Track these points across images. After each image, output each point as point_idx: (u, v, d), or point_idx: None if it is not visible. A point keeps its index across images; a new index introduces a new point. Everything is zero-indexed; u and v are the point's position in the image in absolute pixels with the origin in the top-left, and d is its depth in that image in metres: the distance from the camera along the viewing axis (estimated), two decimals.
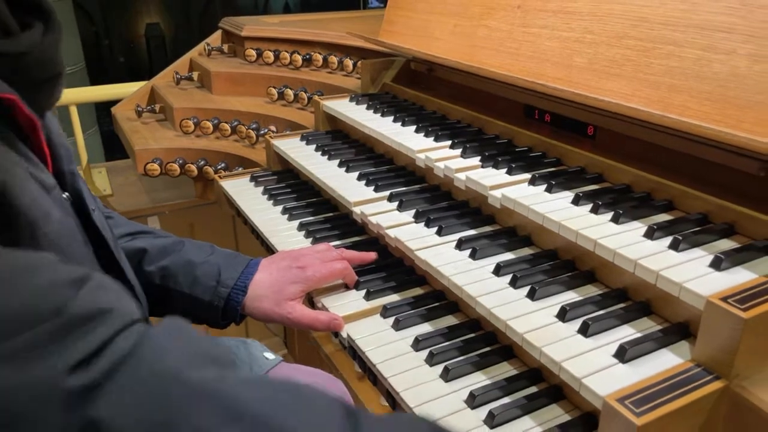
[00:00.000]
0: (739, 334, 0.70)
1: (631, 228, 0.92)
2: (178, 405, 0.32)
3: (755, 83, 0.88)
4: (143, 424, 0.30)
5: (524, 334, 0.83)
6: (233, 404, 0.32)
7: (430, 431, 0.43)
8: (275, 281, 1.02)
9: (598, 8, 1.12)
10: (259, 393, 0.36)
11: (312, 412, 0.36)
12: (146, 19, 6.71)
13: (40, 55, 0.58)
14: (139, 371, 0.34)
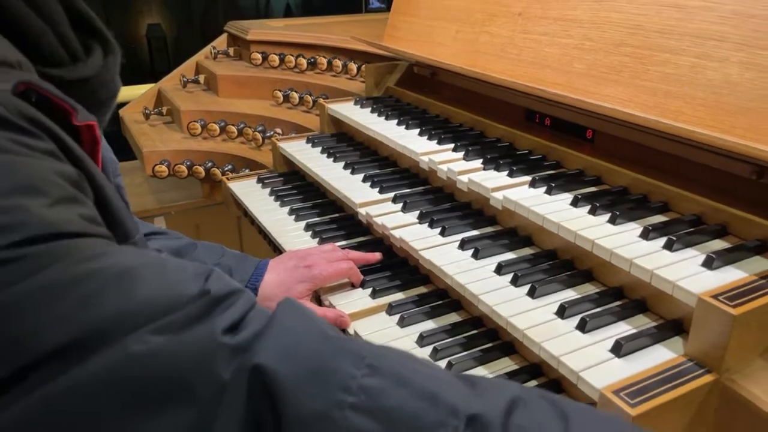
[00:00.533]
0: (729, 330, 0.74)
1: (628, 229, 0.96)
2: (330, 355, 0.38)
3: (747, 90, 0.92)
4: (300, 369, 0.36)
5: (525, 331, 0.87)
6: (371, 359, 0.38)
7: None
8: (283, 281, 1.06)
9: (597, 16, 1.16)
10: (394, 355, 0.41)
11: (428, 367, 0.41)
12: (147, 19, 6.74)
13: (103, 77, 0.62)
14: (285, 333, 0.40)
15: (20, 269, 0.36)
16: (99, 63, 0.63)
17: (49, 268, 0.37)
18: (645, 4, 1.08)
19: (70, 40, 0.60)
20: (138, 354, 0.36)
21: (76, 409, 0.35)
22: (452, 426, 0.35)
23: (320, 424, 0.34)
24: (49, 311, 0.36)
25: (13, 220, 0.37)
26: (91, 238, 0.42)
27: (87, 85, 0.61)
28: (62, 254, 0.38)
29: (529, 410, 0.38)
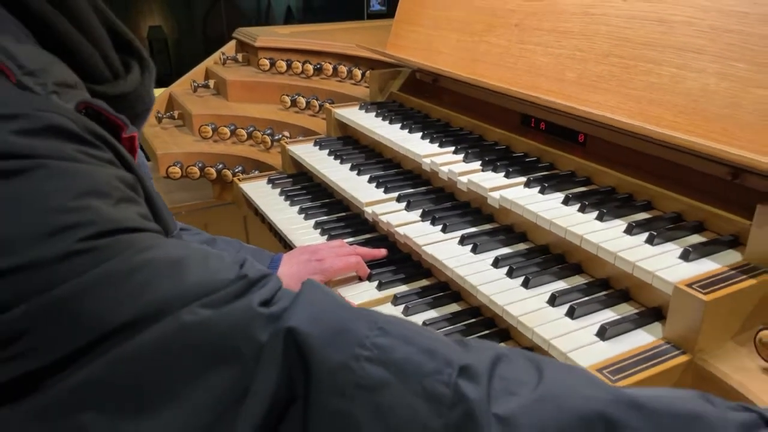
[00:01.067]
0: (701, 315, 0.83)
1: (614, 225, 1.04)
2: (348, 319, 0.46)
3: (722, 98, 1.00)
4: (324, 330, 0.44)
5: (519, 317, 0.95)
6: (382, 324, 0.47)
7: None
8: (296, 273, 1.14)
9: (587, 28, 1.25)
10: (400, 321, 0.50)
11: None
12: (149, 21, 6.80)
13: (140, 92, 0.70)
14: (311, 303, 0.48)
15: (92, 259, 0.44)
16: (137, 79, 0.71)
17: (115, 258, 0.45)
18: (631, 18, 1.17)
19: (113, 60, 0.68)
20: (190, 323, 0.44)
21: (142, 368, 0.43)
22: (447, 373, 0.43)
23: (342, 373, 0.43)
24: (117, 292, 0.44)
25: (85, 218, 0.45)
26: (146, 233, 0.50)
27: (126, 99, 0.69)
28: (124, 246, 0.46)
29: (510, 364, 0.46)
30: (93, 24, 0.65)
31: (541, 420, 0.41)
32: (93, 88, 0.64)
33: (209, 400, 0.42)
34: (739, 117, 0.97)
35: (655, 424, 0.41)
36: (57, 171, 0.46)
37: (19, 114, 0.46)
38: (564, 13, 1.30)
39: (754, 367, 0.83)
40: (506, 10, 1.45)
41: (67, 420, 0.40)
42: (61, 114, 0.50)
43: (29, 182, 0.44)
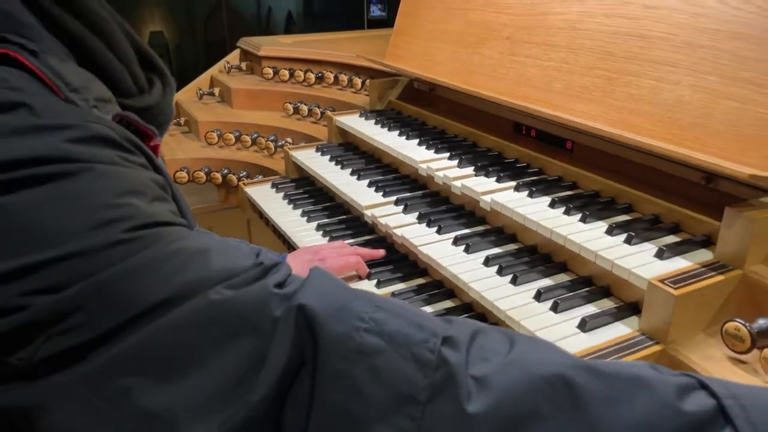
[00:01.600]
0: (672, 308, 0.90)
1: (596, 227, 1.12)
2: (349, 298, 0.54)
3: (695, 109, 1.08)
4: (329, 307, 0.52)
5: (506, 311, 1.03)
6: (378, 302, 0.54)
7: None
8: (300, 272, 1.21)
9: (573, 42, 1.33)
10: (393, 300, 0.58)
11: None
12: (150, 27, 6.87)
13: (162, 105, 0.78)
14: (318, 284, 0.56)
15: (133, 247, 0.52)
16: (159, 93, 0.79)
17: (152, 247, 0.53)
18: (614, 34, 1.25)
19: (139, 76, 0.76)
20: (215, 301, 0.52)
21: (176, 338, 0.51)
22: (432, 342, 0.51)
23: (344, 341, 0.50)
24: (154, 275, 0.52)
25: (127, 212, 0.53)
26: (176, 227, 0.58)
27: (150, 111, 0.76)
28: (160, 237, 0.54)
29: (487, 336, 0.54)
30: (122, 45, 0.73)
31: (510, 380, 0.49)
32: (122, 102, 0.71)
33: (233, 366, 0.50)
34: (711, 126, 1.05)
35: (605, 383, 0.49)
36: (103, 173, 0.53)
37: (71, 125, 0.54)
38: (552, 28, 1.39)
39: (720, 356, 0.91)
40: (498, 24, 1.54)
41: (113, 383, 0.48)
42: (104, 125, 0.58)
43: (80, 183, 0.52)
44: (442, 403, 0.48)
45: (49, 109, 0.55)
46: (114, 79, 0.71)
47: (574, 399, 0.48)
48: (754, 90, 1.00)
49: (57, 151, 0.52)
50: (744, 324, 0.87)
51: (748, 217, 0.94)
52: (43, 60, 0.59)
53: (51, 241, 0.49)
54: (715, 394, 0.49)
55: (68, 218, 0.50)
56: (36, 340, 0.48)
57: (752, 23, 1.03)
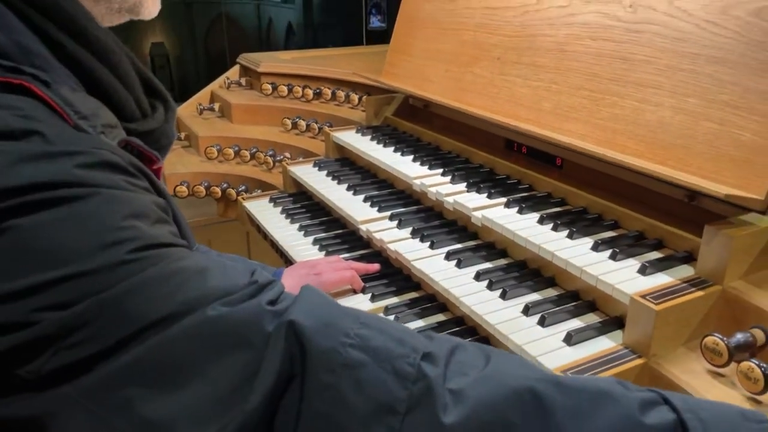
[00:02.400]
0: (653, 323, 0.94)
1: (582, 243, 1.16)
2: (336, 315, 0.58)
3: (677, 129, 1.12)
4: (318, 323, 0.56)
5: (495, 325, 1.06)
6: (363, 319, 0.59)
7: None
8: (296, 285, 1.23)
9: (561, 64, 1.38)
10: (377, 317, 0.63)
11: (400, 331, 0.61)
12: (151, 38, 6.94)
13: (164, 128, 0.83)
14: (308, 302, 0.60)
15: (137, 267, 0.56)
16: (162, 117, 0.84)
17: (154, 267, 0.57)
18: (599, 56, 1.29)
19: (143, 101, 0.81)
20: (213, 317, 0.55)
21: (176, 351, 0.54)
22: (412, 357, 0.55)
23: (331, 355, 0.54)
24: (156, 292, 0.55)
25: (131, 234, 0.57)
26: (177, 248, 0.62)
27: (153, 134, 0.81)
28: (162, 258, 0.58)
29: (465, 352, 0.58)
30: (128, 73, 0.78)
31: (484, 392, 0.53)
32: (126, 126, 0.76)
33: (229, 377, 0.53)
34: (692, 146, 1.10)
35: (570, 396, 0.53)
36: (109, 198, 0.58)
37: (81, 151, 0.58)
38: (540, 49, 1.43)
39: (700, 369, 0.94)
40: (490, 45, 1.58)
41: (117, 394, 0.52)
42: (111, 151, 0.62)
43: (88, 206, 0.56)
44: (420, 414, 0.52)
45: (60, 136, 0.60)
46: (120, 105, 0.76)
47: (542, 410, 0.52)
48: (732, 112, 1.04)
49: (68, 176, 0.56)
50: (722, 338, 0.91)
51: (727, 234, 0.98)
52: (55, 90, 0.63)
53: (61, 261, 0.53)
54: (676, 408, 0.52)
55: (77, 239, 0.54)
56: (44, 354, 0.52)
57: (729, 48, 1.07)
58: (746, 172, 1.01)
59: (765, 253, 1.01)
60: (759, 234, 1.00)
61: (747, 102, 1.03)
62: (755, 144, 1.00)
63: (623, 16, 1.26)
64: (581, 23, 1.35)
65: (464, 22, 1.69)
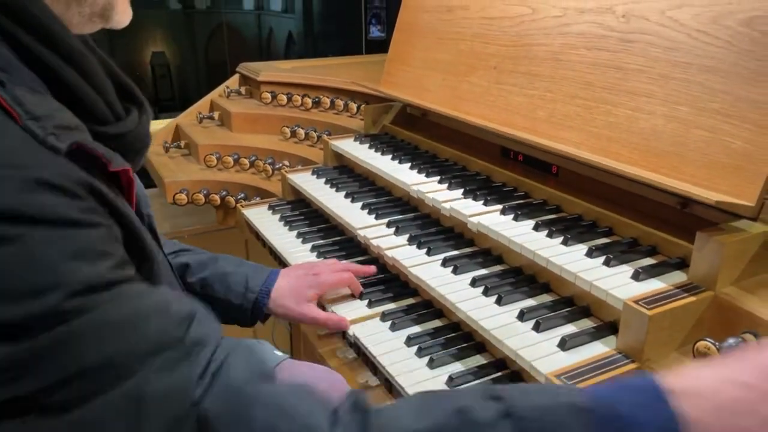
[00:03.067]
0: (646, 328, 0.95)
1: (576, 249, 1.17)
2: (253, 400, 0.62)
3: (669, 137, 1.14)
4: (228, 415, 0.59)
5: (491, 330, 1.07)
6: (277, 400, 0.63)
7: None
8: (294, 286, 1.26)
9: (556, 73, 1.40)
10: (295, 397, 0.65)
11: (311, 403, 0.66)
12: (152, 47, 6.97)
13: (138, 131, 0.83)
14: (226, 380, 0.63)
15: (67, 315, 0.57)
16: (135, 121, 0.84)
17: (82, 316, 0.57)
18: (593, 65, 1.31)
19: (115, 105, 0.81)
20: (131, 388, 0.57)
21: (96, 413, 0.56)
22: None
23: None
24: (83, 347, 0.57)
25: (65, 279, 0.57)
26: (118, 287, 0.62)
27: (126, 137, 0.81)
28: (92, 306, 0.59)
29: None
30: (98, 76, 0.78)
31: None
32: (97, 129, 0.76)
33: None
34: (684, 154, 1.11)
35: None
36: (45, 237, 0.58)
37: (23, 165, 0.59)
38: (536, 59, 1.45)
39: None
40: (486, 54, 1.60)
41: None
42: (53, 170, 0.61)
43: (21, 247, 0.56)
44: None
45: (4, 151, 0.59)
46: (89, 107, 0.76)
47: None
48: (723, 120, 1.06)
49: (3, 206, 0.56)
50: (713, 343, 0.92)
51: (718, 240, 0.99)
52: (9, 89, 0.64)
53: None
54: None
55: (9, 284, 0.55)
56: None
57: (721, 57, 1.09)
58: (738, 179, 1.03)
59: (757, 259, 1.02)
60: (750, 240, 1.01)
61: (738, 110, 1.04)
62: (746, 151, 1.02)
63: (617, 26, 1.28)
64: (576, 33, 1.37)
65: (461, 32, 1.71)
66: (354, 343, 1.22)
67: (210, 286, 1.22)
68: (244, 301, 1.21)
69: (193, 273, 1.23)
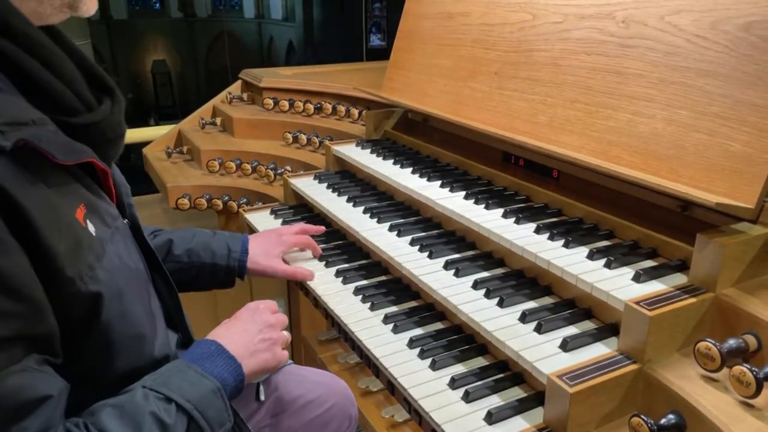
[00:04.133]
0: (647, 329, 0.96)
1: (578, 252, 1.18)
2: None
3: (668, 141, 1.15)
4: None
5: (493, 332, 1.08)
6: None
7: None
8: (264, 246, 1.43)
9: (556, 77, 1.41)
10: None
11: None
12: (153, 55, 6.99)
13: (110, 121, 0.85)
14: None
15: None
16: (107, 110, 0.86)
17: None
18: (593, 70, 1.33)
19: (85, 95, 0.83)
20: None
21: None
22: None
23: None
24: None
25: None
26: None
27: (97, 127, 0.84)
28: None
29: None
30: (63, 67, 0.80)
31: None
32: (67, 120, 0.79)
33: None
34: (683, 157, 1.12)
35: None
36: None
37: None
38: (536, 64, 1.47)
39: (693, 375, 0.96)
40: (487, 60, 1.62)
41: None
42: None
43: None
44: None
45: None
46: (56, 98, 0.78)
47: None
48: (721, 124, 1.07)
49: None
50: (714, 344, 0.92)
51: (718, 242, 1.00)
52: None
53: None
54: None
55: None
56: None
57: (719, 61, 1.10)
58: (737, 182, 1.04)
59: (757, 261, 1.03)
60: (750, 242, 1.02)
61: (737, 113, 1.06)
62: (745, 154, 1.03)
63: (616, 31, 1.30)
64: (576, 39, 1.39)
65: (462, 38, 1.73)
66: (357, 346, 1.23)
67: (196, 254, 1.33)
68: (230, 261, 1.35)
69: (178, 246, 1.32)
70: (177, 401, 0.82)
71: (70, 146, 0.77)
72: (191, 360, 0.91)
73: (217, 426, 0.86)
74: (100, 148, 0.84)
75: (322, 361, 2.03)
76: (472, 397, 1.03)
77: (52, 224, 0.71)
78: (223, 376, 0.91)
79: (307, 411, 1.30)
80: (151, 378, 0.85)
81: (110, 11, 11.56)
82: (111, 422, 0.76)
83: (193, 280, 1.33)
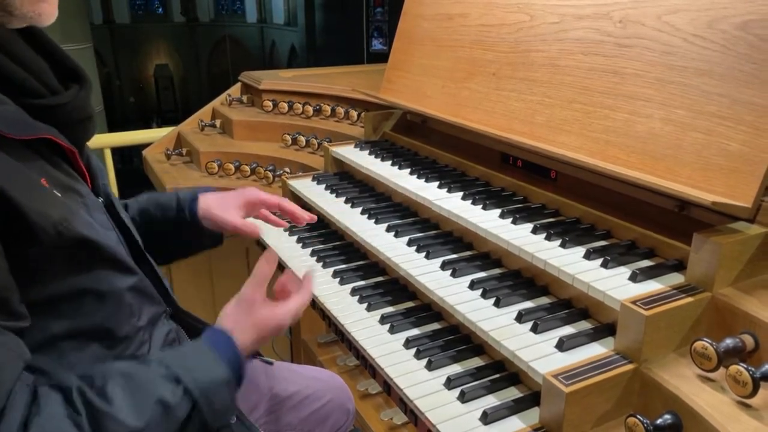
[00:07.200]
0: (643, 328, 0.95)
1: (575, 252, 1.17)
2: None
3: (666, 140, 1.15)
4: None
5: (489, 332, 1.08)
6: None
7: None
8: (222, 199, 1.32)
9: (554, 78, 1.41)
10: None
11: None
12: (155, 60, 7.02)
13: (76, 104, 0.92)
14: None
15: None
16: (73, 94, 0.93)
17: None
18: (590, 70, 1.33)
19: (49, 80, 0.90)
20: None
21: None
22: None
23: None
24: None
25: None
26: None
27: (64, 108, 0.91)
28: None
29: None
30: (26, 57, 0.87)
31: None
32: (32, 102, 0.86)
33: None
34: (680, 157, 1.12)
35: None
36: None
37: None
38: (534, 64, 1.47)
39: (690, 374, 0.95)
40: (485, 61, 1.62)
41: None
42: None
43: None
44: None
45: None
46: (18, 83, 0.85)
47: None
48: (718, 123, 1.07)
49: None
50: (711, 343, 0.92)
51: (715, 242, 0.99)
52: None
53: None
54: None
55: None
56: None
57: (716, 60, 1.10)
58: (734, 181, 1.03)
59: (754, 261, 1.02)
60: (747, 241, 1.01)
61: (734, 113, 1.05)
62: (742, 153, 1.02)
63: (613, 31, 1.30)
64: (573, 39, 1.39)
65: (460, 39, 1.73)
66: (353, 347, 1.23)
67: (147, 212, 1.28)
68: (179, 212, 1.27)
69: (132, 208, 1.28)
70: (187, 386, 0.83)
71: (25, 123, 0.83)
72: (211, 345, 0.91)
73: (221, 415, 0.88)
74: (67, 128, 0.91)
75: (321, 363, 2.02)
76: (467, 398, 1.03)
77: (15, 182, 0.78)
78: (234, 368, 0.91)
79: (305, 406, 1.30)
80: (171, 354, 0.89)
81: (113, 15, 11.62)
82: (116, 391, 0.78)
83: (161, 242, 1.25)
